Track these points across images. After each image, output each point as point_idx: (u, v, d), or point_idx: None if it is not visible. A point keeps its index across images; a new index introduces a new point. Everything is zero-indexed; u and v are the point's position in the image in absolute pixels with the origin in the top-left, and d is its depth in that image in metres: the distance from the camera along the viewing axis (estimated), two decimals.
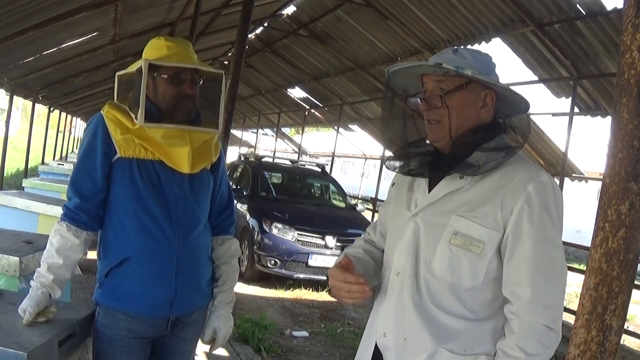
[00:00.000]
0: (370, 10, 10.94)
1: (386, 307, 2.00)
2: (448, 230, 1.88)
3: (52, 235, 2.42)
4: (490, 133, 1.94)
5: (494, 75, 1.94)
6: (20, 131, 35.74)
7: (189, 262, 2.50)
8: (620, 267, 2.04)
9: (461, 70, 1.87)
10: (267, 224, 9.43)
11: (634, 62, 2.02)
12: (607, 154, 2.10)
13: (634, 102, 2.01)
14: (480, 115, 1.94)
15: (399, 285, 1.96)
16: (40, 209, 5.85)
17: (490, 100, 1.93)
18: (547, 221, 1.79)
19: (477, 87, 1.91)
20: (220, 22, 12.94)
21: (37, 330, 2.22)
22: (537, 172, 1.85)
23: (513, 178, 1.84)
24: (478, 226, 1.83)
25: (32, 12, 7.36)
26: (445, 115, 1.91)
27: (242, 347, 6.18)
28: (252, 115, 27.24)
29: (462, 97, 1.91)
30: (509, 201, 1.81)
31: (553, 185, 1.84)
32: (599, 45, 7.94)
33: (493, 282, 1.85)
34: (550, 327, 1.75)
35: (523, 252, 1.79)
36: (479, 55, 1.96)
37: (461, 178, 1.91)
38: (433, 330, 1.87)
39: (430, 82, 1.96)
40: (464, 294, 1.86)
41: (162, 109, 2.49)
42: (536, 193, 1.80)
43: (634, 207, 2.01)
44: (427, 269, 1.90)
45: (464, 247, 1.84)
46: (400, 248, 1.99)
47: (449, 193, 1.92)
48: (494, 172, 1.88)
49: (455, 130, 1.93)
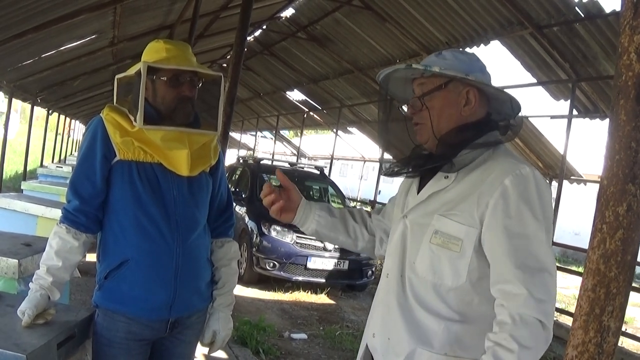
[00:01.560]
0: (369, 12, 10.95)
1: (376, 309, 2.04)
2: (430, 230, 1.89)
3: (52, 238, 2.43)
4: (480, 130, 1.93)
5: (478, 73, 1.93)
6: (19, 134, 35.70)
7: (188, 264, 2.50)
8: (618, 269, 2.03)
9: (429, 68, 1.90)
10: (266, 226, 9.43)
11: (632, 64, 2.02)
12: (605, 155, 2.10)
13: (631, 104, 2.01)
14: (464, 113, 1.94)
15: (387, 286, 1.99)
16: (39, 211, 5.84)
17: (474, 97, 1.93)
18: (527, 214, 1.75)
19: (458, 85, 1.92)
20: (219, 25, 12.95)
21: (36, 332, 2.21)
22: (517, 165, 1.82)
23: (492, 172, 1.83)
24: (456, 224, 1.84)
25: (31, 14, 7.37)
26: (427, 117, 1.94)
27: (241, 350, 6.18)
28: (250, 117, 27.25)
29: (442, 97, 1.93)
30: (485, 196, 1.80)
31: (536, 177, 1.80)
32: (597, 47, 7.95)
33: (479, 283, 1.82)
34: (542, 322, 1.70)
35: (503, 247, 1.75)
36: (461, 55, 1.98)
37: (446, 178, 1.92)
38: (413, 330, 1.87)
39: (416, 86, 2.00)
40: (448, 294, 1.84)
41: (161, 112, 2.49)
42: (513, 186, 1.77)
43: (632, 209, 2.01)
44: (411, 270, 1.92)
45: (443, 245, 1.85)
46: (390, 250, 2.03)
47: (434, 193, 1.94)
48: (477, 169, 1.88)
49: (438, 131, 1.94)
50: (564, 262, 17.79)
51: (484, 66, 1.99)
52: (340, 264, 9.47)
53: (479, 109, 1.96)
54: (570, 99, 9.01)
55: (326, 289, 9.64)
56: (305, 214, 2.29)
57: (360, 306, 9.19)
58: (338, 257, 9.44)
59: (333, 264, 9.43)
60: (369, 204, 16.64)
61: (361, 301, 9.57)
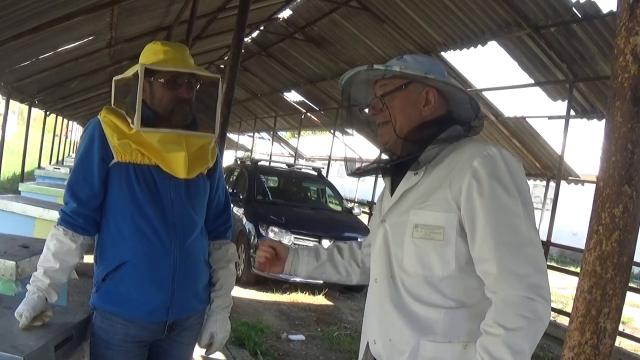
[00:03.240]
0: (367, 13, 10.96)
1: (370, 315, 2.04)
2: (409, 226, 1.90)
3: (49, 240, 2.43)
4: (442, 125, 1.97)
5: (436, 75, 1.95)
6: (17, 135, 35.68)
7: (186, 266, 2.50)
8: (614, 270, 2.04)
9: (390, 68, 1.94)
10: (264, 227, 9.43)
11: (628, 65, 2.03)
12: (601, 157, 2.10)
13: (627, 106, 2.02)
14: (424, 113, 1.98)
15: (378, 291, 2.00)
16: (37, 213, 5.83)
17: (433, 97, 1.97)
18: (500, 191, 1.76)
19: (418, 86, 1.97)
20: (216, 26, 12.95)
21: (34, 334, 2.21)
22: (484, 146, 1.85)
23: (460, 158, 1.86)
24: (433, 213, 1.85)
25: (28, 16, 7.36)
26: (388, 116, 1.98)
27: (239, 351, 6.18)
28: (248, 118, 27.24)
29: (402, 98, 1.98)
30: (457, 180, 1.82)
31: (504, 156, 1.82)
32: (595, 48, 7.96)
33: (469, 267, 1.83)
34: (529, 297, 1.69)
35: (481, 227, 1.76)
36: (421, 58, 2.03)
37: (415, 174, 1.95)
38: (412, 324, 1.87)
39: (378, 88, 2.04)
40: (441, 284, 1.85)
41: (159, 114, 2.49)
42: (482, 166, 1.79)
43: (628, 210, 2.02)
44: (400, 269, 1.93)
45: (426, 237, 1.85)
46: (374, 256, 2.05)
47: (406, 191, 1.96)
48: (444, 160, 1.90)
49: (399, 130, 1.97)
50: (561, 263, 17.83)
51: (443, 70, 2.03)
52: None
53: (439, 109, 2.00)
54: (567, 99, 9.03)
55: (324, 290, 9.64)
56: (294, 264, 2.41)
57: (358, 307, 9.18)
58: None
59: None
60: (366, 204, 16.64)
61: (359, 302, 9.56)
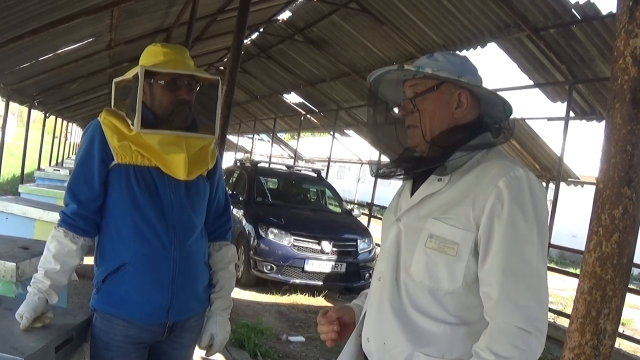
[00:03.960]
0: (366, 15, 10.96)
1: (369, 312, 2.01)
2: (424, 234, 1.86)
3: (49, 241, 2.43)
4: (472, 132, 1.92)
5: (469, 76, 1.91)
6: (16, 137, 35.68)
7: (186, 268, 2.50)
8: (614, 271, 2.04)
9: (421, 69, 1.88)
10: (263, 229, 9.43)
11: (627, 67, 2.04)
12: (601, 158, 2.11)
13: (627, 108, 2.02)
14: (456, 115, 1.92)
15: (380, 290, 1.96)
16: (37, 214, 5.82)
17: (466, 99, 1.91)
18: (519, 217, 1.73)
19: (450, 87, 1.91)
20: (216, 28, 12.96)
21: (34, 335, 2.21)
22: (512, 166, 1.80)
23: (486, 175, 1.81)
24: (451, 227, 1.81)
25: (28, 18, 7.37)
26: (419, 119, 1.92)
27: (239, 352, 6.18)
28: (247, 120, 27.23)
29: (434, 99, 1.91)
30: (481, 199, 1.78)
31: (529, 179, 1.78)
32: (594, 49, 7.96)
33: (475, 285, 1.80)
34: (525, 330, 1.68)
35: (494, 251, 1.74)
36: (452, 57, 1.96)
37: (439, 180, 1.90)
38: (410, 333, 1.85)
39: (407, 88, 1.98)
40: (445, 298, 1.82)
41: (159, 115, 2.50)
42: (507, 187, 1.75)
43: (628, 212, 2.02)
44: (406, 274, 1.89)
45: (438, 249, 1.82)
46: (383, 253, 2.00)
47: (427, 196, 1.91)
48: (470, 172, 1.86)
49: (429, 133, 1.92)
50: (561, 264, 17.82)
51: (475, 69, 1.98)
52: (337, 267, 9.47)
53: (471, 112, 1.94)
54: (567, 100, 9.02)
55: (324, 292, 9.62)
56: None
57: None
58: (335, 260, 9.45)
59: (330, 266, 9.43)
60: (366, 206, 16.65)
61: None
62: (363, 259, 9.74)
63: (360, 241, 9.87)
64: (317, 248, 9.38)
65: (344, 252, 9.63)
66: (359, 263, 9.67)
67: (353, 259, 9.59)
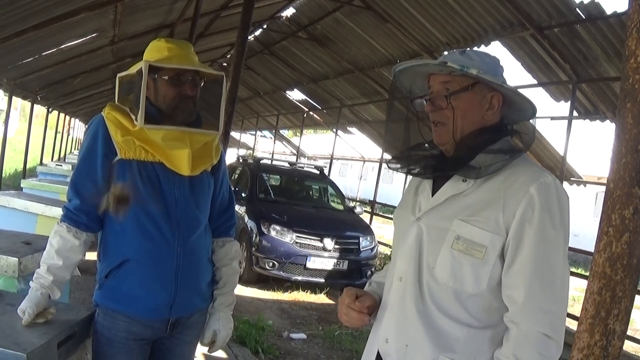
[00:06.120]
0: (370, 13, 10.94)
1: (389, 313, 1.96)
2: (450, 235, 1.83)
3: (52, 237, 2.42)
4: (495, 135, 1.91)
5: (500, 78, 1.90)
6: (19, 132, 35.73)
7: (189, 264, 2.49)
8: (624, 272, 2.03)
9: (466, 69, 1.84)
10: (266, 226, 9.43)
11: (639, 67, 2.01)
12: (611, 158, 2.09)
13: (638, 107, 2.00)
14: (486, 117, 1.90)
15: (402, 290, 1.92)
16: (39, 209, 5.83)
17: (497, 102, 1.90)
18: (548, 223, 1.74)
19: (483, 88, 1.88)
20: (220, 24, 12.93)
21: (37, 331, 2.21)
22: (541, 173, 1.80)
23: (516, 180, 1.80)
24: (480, 230, 1.79)
25: (31, 12, 7.36)
26: (450, 117, 1.88)
27: (240, 349, 6.18)
28: (250, 117, 27.22)
29: (467, 99, 1.88)
30: (512, 204, 1.77)
31: (557, 186, 1.79)
32: (598, 49, 7.94)
33: (498, 288, 1.80)
34: (548, 335, 1.70)
35: (522, 256, 1.74)
36: (486, 57, 1.93)
37: (464, 181, 1.87)
38: (434, 337, 1.83)
39: (437, 82, 1.93)
40: (468, 300, 1.81)
41: (163, 111, 2.48)
42: (539, 195, 1.75)
43: (638, 212, 2.00)
44: (430, 275, 1.86)
45: (466, 252, 1.80)
46: (403, 253, 1.96)
47: (452, 197, 1.88)
48: (497, 175, 1.84)
49: (459, 132, 1.89)
50: None
51: (503, 70, 1.96)
52: (339, 264, 9.47)
53: (498, 115, 1.93)
54: (570, 100, 9.00)
55: (325, 289, 9.63)
56: None
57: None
58: (337, 257, 9.45)
59: (332, 264, 9.43)
60: (368, 204, 16.63)
61: None
62: (365, 256, 9.74)
63: (362, 239, 9.87)
64: (319, 245, 9.37)
65: (346, 249, 9.63)
66: (361, 261, 9.67)
67: (355, 257, 9.59)
